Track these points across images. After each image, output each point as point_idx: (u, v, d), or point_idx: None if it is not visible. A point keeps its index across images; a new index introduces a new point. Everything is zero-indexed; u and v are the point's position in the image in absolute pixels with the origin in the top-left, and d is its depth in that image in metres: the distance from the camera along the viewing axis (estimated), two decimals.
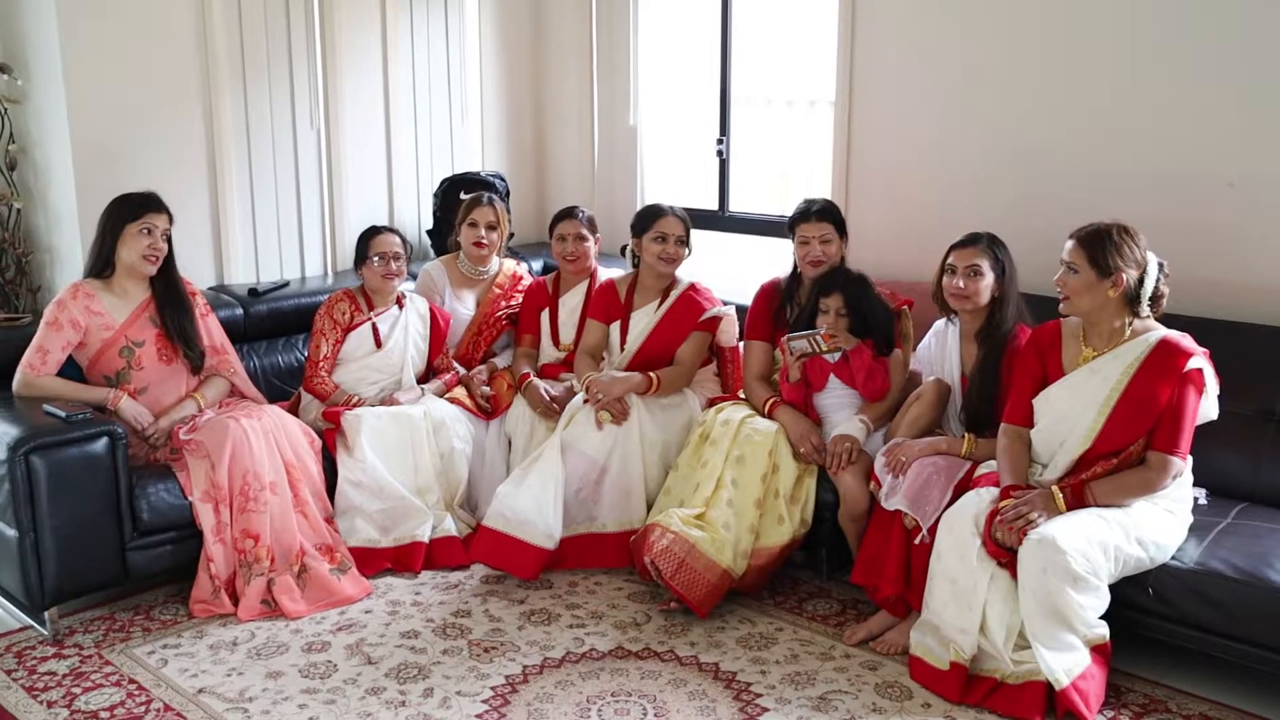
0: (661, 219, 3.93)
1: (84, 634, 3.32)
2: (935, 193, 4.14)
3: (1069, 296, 3.00)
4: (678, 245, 3.91)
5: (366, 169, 4.81)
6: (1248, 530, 3.02)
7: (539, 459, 3.68)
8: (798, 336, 3.45)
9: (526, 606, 3.46)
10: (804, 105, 5.30)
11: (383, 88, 4.81)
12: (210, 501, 3.40)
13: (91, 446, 3.24)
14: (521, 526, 3.58)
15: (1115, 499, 2.90)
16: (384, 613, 3.42)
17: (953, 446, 3.24)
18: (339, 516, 3.68)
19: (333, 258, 4.73)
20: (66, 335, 3.49)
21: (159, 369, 3.60)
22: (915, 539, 3.12)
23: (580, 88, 5.22)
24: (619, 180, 5.19)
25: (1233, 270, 3.51)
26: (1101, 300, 2.95)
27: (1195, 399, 2.92)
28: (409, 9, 4.86)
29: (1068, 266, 2.99)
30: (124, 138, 4.10)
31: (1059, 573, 2.74)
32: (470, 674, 3.07)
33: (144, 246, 3.51)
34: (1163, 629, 2.93)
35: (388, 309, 4.03)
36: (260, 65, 4.39)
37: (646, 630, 3.32)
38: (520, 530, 3.58)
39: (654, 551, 3.31)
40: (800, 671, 3.09)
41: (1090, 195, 3.69)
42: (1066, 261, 2.99)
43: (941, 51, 4.06)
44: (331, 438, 3.76)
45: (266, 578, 3.41)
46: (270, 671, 3.09)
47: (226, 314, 4.03)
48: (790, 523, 3.44)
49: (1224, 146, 3.50)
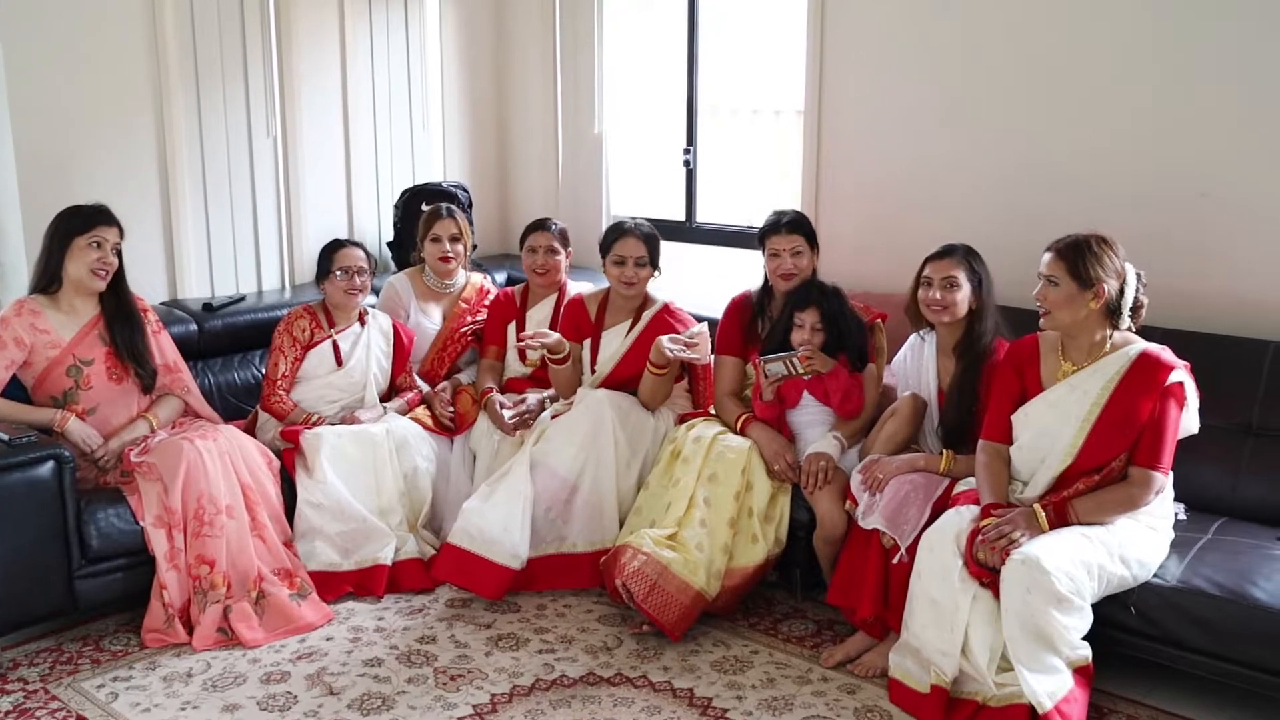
0: (620, 240, 3.80)
1: (29, 667, 3.17)
2: (907, 203, 4.10)
3: (1049, 311, 2.94)
4: (637, 267, 3.79)
5: (325, 179, 4.69)
6: (1228, 546, 2.99)
7: (507, 475, 3.58)
8: (773, 359, 3.37)
9: (494, 631, 3.36)
10: (770, 115, 5.26)
11: (341, 95, 4.70)
12: (163, 526, 3.27)
13: (36, 471, 3.11)
14: (488, 545, 3.47)
15: (1098, 517, 2.85)
16: (346, 640, 3.30)
17: (930, 463, 3.18)
18: (298, 539, 3.55)
19: (290, 271, 4.61)
20: (10, 354, 3.34)
21: (109, 388, 3.47)
22: (893, 558, 3.05)
23: (544, 95, 5.13)
24: (584, 190, 5.10)
25: (1210, 283, 3.49)
26: (1083, 313, 2.90)
27: (1177, 413, 2.88)
28: (368, 13, 4.75)
29: (1047, 280, 2.94)
30: (71, 146, 3.96)
31: (1043, 594, 2.68)
32: (436, 704, 2.97)
33: (93, 260, 3.38)
34: (1145, 648, 2.89)
35: (350, 326, 3.92)
36: (214, 71, 4.26)
37: (618, 655, 3.22)
38: (486, 549, 3.47)
39: (625, 573, 3.22)
40: (777, 696, 3.01)
41: (1065, 206, 3.66)
42: (1045, 275, 2.94)
43: (913, 61, 4.02)
44: (290, 458, 3.63)
45: (222, 605, 3.29)
46: (227, 704, 2.96)
47: (180, 330, 3.90)
48: (764, 542, 3.37)
49: (1200, 159, 3.48)
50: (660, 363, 3.66)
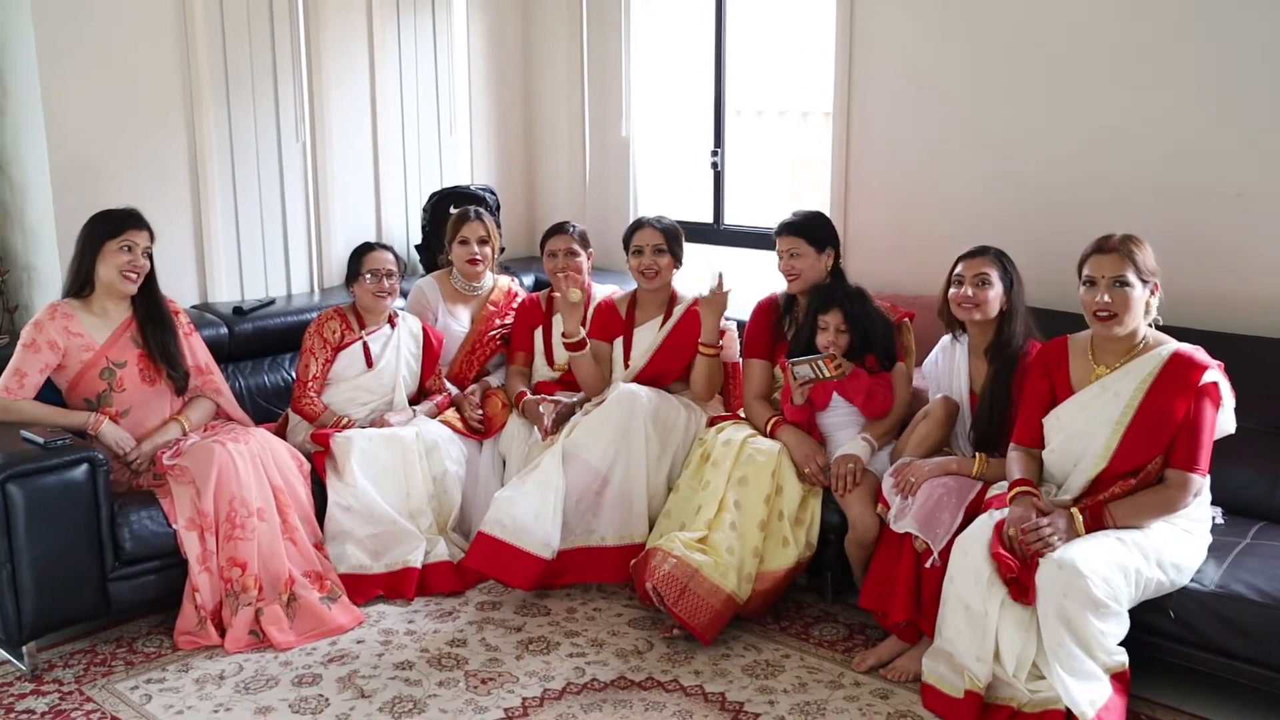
0: (637, 232, 3.87)
1: (64, 669, 3.19)
2: (935, 205, 4.07)
3: (1116, 314, 2.83)
4: (655, 255, 3.82)
5: (353, 183, 4.71)
6: (1268, 550, 2.95)
7: (539, 466, 3.58)
8: (800, 362, 3.36)
9: (524, 634, 3.36)
10: (797, 117, 5.25)
11: (370, 100, 4.71)
12: (195, 529, 3.29)
13: (71, 474, 3.13)
14: (519, 534, 3.47)
15: (1135, 520, 2.82)
16: (376, 642, 3.30)
17: (963, 467, 3.16)
18: (329, 542, 3.56)
19: (319, 275, 4.62)
20: (44, 357, 3.37)
21: (141, 391, 3.49)
22: (926, 562, 3.03)
23: (571, 98, 5.13)
24: (611, 193, 5.10)
25: (1241, 283, 3.45)
26: (1143, 312, 2.87)
27: (1213, 413, 2.84)
28: (396, 20, 4.76)
29: (1116, 281, 2.84)
30: (104, 153, 3.99)
31: (1080, 598, 2.66)
32: (468, 707, 2.96)
33: (123, 263, 3.40)
34: (1183, 653, 2.85)
35: (379, 328, 3.93)
36: (244, 78, 4.29)
37: (649, 658, 3.21)
38: (517, 538, 3.47)
39: (656, 577, 3.21)
40: (810, 701, 2.99)
41: (1093, 208, 3.63)
42: (1112, 277, 2.84)
43: (941, 64, 4.00)
44: (321, 461, 3.65)
45: (254, 607, 3.30)
46: (259, 707, 2.97)
47: (211, 333, 3.92)
48: (795, 545, 3.35)
49: (1230, 158, 3.44)
50: (709, 340, 3.68)
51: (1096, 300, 2.86)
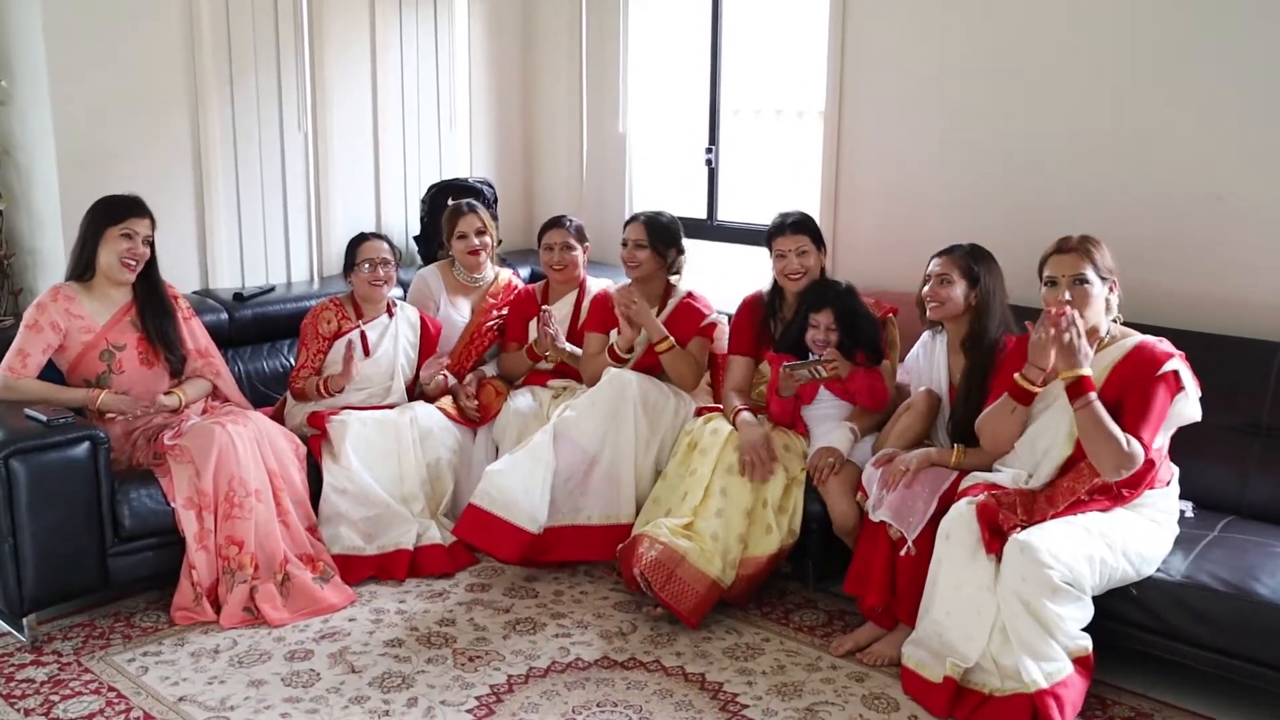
0: (626, 227, 4.01)
1: (63, 641, 3.28)
2: (925, 203, 4.14)
3: (1081, 310, 2.91)
4: (635, 249, 3.94)
5: (354, 174, 4.79)
6: (1234, 544, 3.02)
7: (530, 443, 3.67)
8: (799, 365, 3.45)
9: (512, 615, 3.44)
10: (792, 116, 5.31)
11: (371, 92, 4.79)
12: (193, 508, 3.37)
13: (73, 451, 3.21)
14: (507, 507, 3.55)
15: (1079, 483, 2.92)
16: (368, 621, 3.39)
17: (942, 457, 3.23)
18: (324, 524, 3.64)
19: (319, 263, 4.70)
20: (46, 338, 3.46)
21: (140, 372, 3.57)
22: (900, 551, 3.10)
23: (569, 94, 5.21)
24: (608, 188, 5.18)
25: (1219, 284, 3.52)
26: (1103, 309, 2.96)
27: (1165, 396, 2.89)
28: (398, 13, 4.84)
29: (1076, 280, 2.94)
30: (109, 140, 4.07)
31: (1036, 583, 2.74)
32: (455, 683, 3.05)
33: (123, 250, 3.48)
34: (1149, 641, 2.93)
35: (377, 317, 4.01)
36: (248, 68, 4.36)
37: (632, 640, 3.30)
38: (505, 511, 3.55)
39: (643, 564, 3.29)
40: (787, 682, 3.07)
41: (1079, 207, 3.70)
42: (1073, 275, 2.94)
43: (932, 63, 4.07)
44: (317, 444, 3.73)
45: (249, 585, 3.38)
46: (252, 680, 3.06)
47: (211, 319, 4.00)
48: (778, 532, 3.43)
49: (1213, 162, 3.51)
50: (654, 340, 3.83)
51: (1058, 298, 2.95)
